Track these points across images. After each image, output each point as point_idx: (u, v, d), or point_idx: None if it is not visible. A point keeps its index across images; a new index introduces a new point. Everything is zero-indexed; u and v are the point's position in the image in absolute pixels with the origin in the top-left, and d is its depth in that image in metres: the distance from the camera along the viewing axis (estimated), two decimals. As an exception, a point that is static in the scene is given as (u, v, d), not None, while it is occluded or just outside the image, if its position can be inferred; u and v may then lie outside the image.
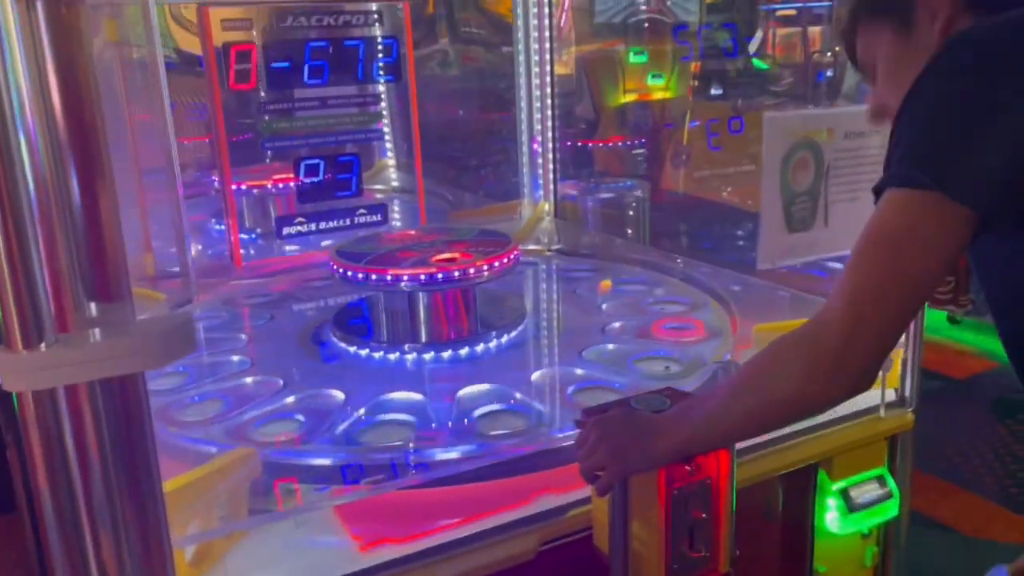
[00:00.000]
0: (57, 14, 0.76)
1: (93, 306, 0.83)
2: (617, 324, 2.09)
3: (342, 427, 1.59)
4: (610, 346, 1.96)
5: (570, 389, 1.74)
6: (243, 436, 1.56)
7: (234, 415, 1.65)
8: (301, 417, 1.65)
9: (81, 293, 0.82)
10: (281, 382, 1.80)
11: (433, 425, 1.60)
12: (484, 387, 1.75)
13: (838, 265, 1.79)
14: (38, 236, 0.77)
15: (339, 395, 1.73)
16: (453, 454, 1.49)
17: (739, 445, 1.18)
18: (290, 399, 1.73)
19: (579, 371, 1.83)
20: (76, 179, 0.80)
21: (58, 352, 0.77)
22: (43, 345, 0.76)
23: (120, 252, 0.84)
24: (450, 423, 1.60)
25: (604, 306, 2.28)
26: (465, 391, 1.72)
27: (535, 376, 1.86)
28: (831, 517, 1.66)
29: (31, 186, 0.76)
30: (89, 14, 0.79)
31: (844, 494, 1.65)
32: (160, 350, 0.82)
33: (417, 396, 1.71)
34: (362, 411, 1.66)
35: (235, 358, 1.97)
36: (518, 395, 1.71)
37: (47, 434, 0.80)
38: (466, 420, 1.61)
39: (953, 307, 3.75)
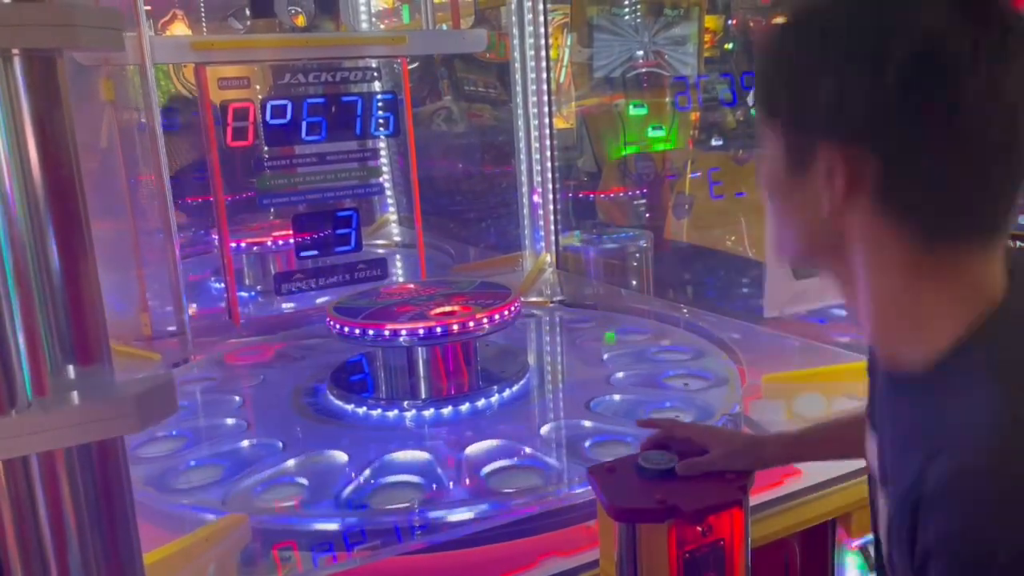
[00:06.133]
0: (35, 70, 0.74)
1: (71, 369, 0.80)
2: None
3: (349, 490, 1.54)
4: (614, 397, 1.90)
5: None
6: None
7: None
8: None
9: (59, 355, 0.79)
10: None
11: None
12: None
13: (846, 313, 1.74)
14: (13, 297, 0.74)
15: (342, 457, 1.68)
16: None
17: (752, 501, 1.13)
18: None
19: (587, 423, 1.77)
20: (54, 239, 0.77)
21: (32, 417, 0.73)
22: (14, 411, 0.72)
23: (99, 313, 0.80)
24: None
25: (606, 356, 2.22)
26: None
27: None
28: (851, 576, 1.59)
29: (6, 246, 0.74)
30: (68, 69, 0.77)
31: (864, 551, 1.58)
32: (140, 413, 0.78)
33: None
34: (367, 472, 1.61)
35: (230, 421, 1.92)
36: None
37: (19, 505, 0.76)
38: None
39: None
